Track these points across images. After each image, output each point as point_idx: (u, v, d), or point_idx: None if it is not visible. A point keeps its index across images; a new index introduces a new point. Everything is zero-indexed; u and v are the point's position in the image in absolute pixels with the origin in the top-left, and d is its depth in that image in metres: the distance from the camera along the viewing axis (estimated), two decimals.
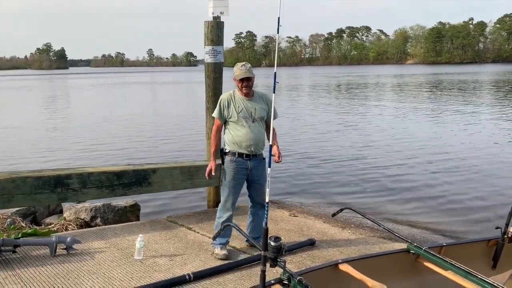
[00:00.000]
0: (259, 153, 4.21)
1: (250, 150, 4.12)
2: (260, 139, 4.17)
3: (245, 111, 4.13)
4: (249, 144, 4.11)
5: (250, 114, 4.13)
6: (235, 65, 4.21)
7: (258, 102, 4.21)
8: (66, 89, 46.36)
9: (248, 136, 4.10)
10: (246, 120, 4.11)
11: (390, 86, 38.54)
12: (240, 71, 4.11)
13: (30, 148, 12.30)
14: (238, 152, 4.12)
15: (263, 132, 4.23)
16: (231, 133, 4.16)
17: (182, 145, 12.17)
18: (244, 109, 4.13)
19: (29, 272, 3.70)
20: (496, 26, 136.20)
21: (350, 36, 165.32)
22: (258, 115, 4.16)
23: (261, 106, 4.20)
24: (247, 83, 4.11)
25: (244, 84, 4.11)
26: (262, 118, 4.19)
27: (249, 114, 4.13)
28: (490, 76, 51.63)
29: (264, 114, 4.21)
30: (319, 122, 16.61)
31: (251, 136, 4.10)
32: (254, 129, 4.12)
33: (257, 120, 4.15)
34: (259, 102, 4.22)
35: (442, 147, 11.39)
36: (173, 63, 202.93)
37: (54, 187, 4.65)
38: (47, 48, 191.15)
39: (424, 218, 6.45)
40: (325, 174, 9.06)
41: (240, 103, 4.16)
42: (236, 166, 4.14)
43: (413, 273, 3.25)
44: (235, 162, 4.14)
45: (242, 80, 4.09)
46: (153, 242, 4.50)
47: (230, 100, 4.18)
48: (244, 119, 4.11)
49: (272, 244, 2.52)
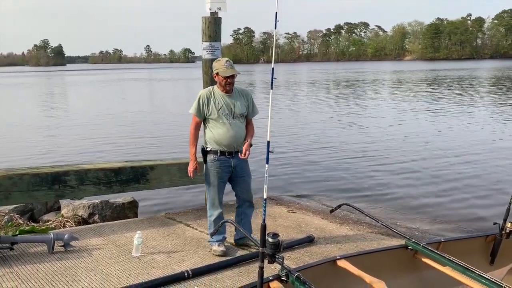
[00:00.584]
0: (241, 149, 4.13)
1: (231, 147, 4.07)
2: (241, 136, 4.11)
3: (225, 107, 4.06)
4: (230, 142, 4.04)
5: (230, 111, 4.06)
6: (217, 61, 4.11)
7: (238, 99, 4.15)
8: (64, 86, 46.25)
9: (229, 133, 4.03)
10: (226, 117, 4.04)
11: (389, 83, 38.56)
12: (225, 68, 4.02)
13: (27, 145, 12.27)
14: (220, 151, 4.06)
15: (244, 128, 4.16)
16: (212, 131, 4.08)
17: (179, 141, 12.13)
18: (224, 106, 4.06)
19: (27, 269, 3.70)
20: (494, 22, 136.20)
21: (348, 32, 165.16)
22: (238, 111, 4.09)
23: (241, 102, 4.14)
24: (231, 80, 4.05)
25: (228, 81, 4.04)
26: (242, 115, 4.13)
27: (229, 111, 4.06)
28: (489, 72, 51.63)
29: (244, 110, 4.15)
30: (317, 119, 16.59)
31: (231, 134, 4.04)
32: (235, 126, 4.06)
33: (237, 116, 4.09)
34: (239, 98, 4.16)
35: (440, 144, 11.39)
36: (171, 59, 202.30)
37: (52, 184, 4.64)
38: (44, 45, 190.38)
39: (422, 215, 6.45)
40: (323, 170, 9.06)
41: (220, 100, 4.08)
42: (219, 165, 4.08)
43: (411, 269, 3.26)
44: (218, 161, 4.07)
45: (227, 77, 4.03)
46: (151, 239, 4.50)
47: (209, 96, 4.09)
48: (224, 116, 4.04)
49: (270, 240, 2.51)
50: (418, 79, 41.34)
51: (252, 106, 4.24)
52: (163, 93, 33.79)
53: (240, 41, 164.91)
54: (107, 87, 40.71)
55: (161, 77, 62.29)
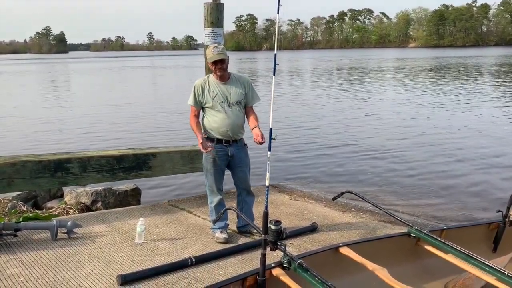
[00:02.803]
0: (239, 138, 4.11)
1: (227, 135, 4.03)
2: (238, 124, 4.06)
3: (220, 95, 4.02)
4: (226, 130, 4.01)
5: (225, 99, 4.02)
6: (207, 47, 4.10)
7: (234, 86, 4.09)
8: (66, 73, 46.20)
9: (225, 121, 3.99)
10: (221, 105, 4.00)
11: (394, 71, 38.31)
12: (212, 53, 3.96)
13: (30, 133, 12.29)
14: (217, 138, 4.04)
15: (242, 116, 4.11)
16: (208, 119, 4.06)
17: (182, 129, 12.12)
18: (219, 94, 4.02)
19: (30, 255, 3.72)
20: (500, 9, 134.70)
21: (352, 19, 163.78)
22: (234, 99, 4.04)
23: (237, 90, 4.07)
24: (221, 66, 3.97)
25: (218, 66, 3.97)
26: (239, 102, 4.07)
27: (225, 99, 4.01)
28: (496, 59, 51.17)
29: (241, 98, 4.08)
30: (321, 107, 16.53)
31: (228, 122, 4.00)
32: (231, 113, 4.01)
33: (233, 104, 4.03)
34: (236, 85, 4.09)
35: (443, 132, 11.32)
36: (173, 47, 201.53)
37: (54, 172, 4.65)
38: (46, 32, 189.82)
39: (425, 202, 6.45)
40: (326, 158, 9.04)
41: (215, 88, 4.04)
42: (216, 152, 4.05)
43: (414, 256, 3.26)
44: (215, 149, 4.04)
45: (216, 63, 3.96)
46: (154, 226, 4.51)
47: (204, 85, 4.06)
48: (219, 104, 4.00)
49: (273, 227, 2.52)
50: (425, 67, 41.06)
51: (251, 93, 4.19)
52: (166, 81, 33.71)
53: (242, 28, 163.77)
54: (110, 76, 40.64)
55: (164, 64, 62.07)
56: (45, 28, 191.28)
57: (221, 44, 4.15)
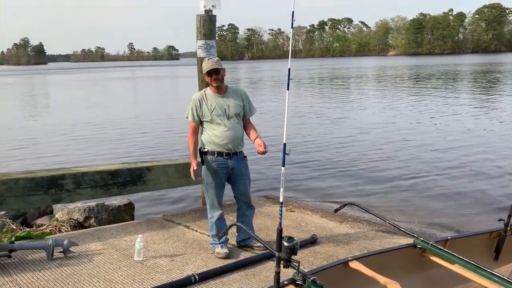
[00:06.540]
0: (239, 150, 4.09)
1: (228, 148, 4.00)
2: (237, 137, 4.04)
3: (218, 108, 3.99)
4: (226, 143, 3.98)
5: (224, 112, 3.99)
6: (202, 60, 4.10)
7: (232, 98, 4.07)
8: (46, 86, 45.42)
9: (225, 134, 3.97)
10: (220, 118, 3.97)
11: (380, 79, 38.78)
12: (207, 64, 3.96)
13: (21, 149, 11.97)
14: (217, 151, 4.00)
15: (240, 128, 4.09)
16: (208, 133, 4.03)
17: (175, 142, 11.96)
18: (217, 107, 3.99)
19: (27, 277, 3.59)
20: (475, 17, 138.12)
21: (332, 28, 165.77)
22: (233, 111, 4.02)
23: (235, 102, 4.06)
24: (216, 76, 3.96)
25: (213, 77, 3.96)
26: (237, 115, 4.05)
27: (223, 112, 3.99)
28: (472, 67, 52.25)
29: (239, 110, 4.07)
30: (314, 116, 16.55)
31: (227, 134, 3.97)
32: (230, 126, 3.99)
33: (232, 117, 4.01)
34: (233, 97, 4.08)
35: (442, 141, 11.21)
36: (155, 57, 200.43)
37: (48, 188, 4.52)
38: (24, 43, 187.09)
39: (423, 211, 6.43)
40: (319, 168, 9.01)
41: (213, 101, 4.01)
42: (217, 166, 4.02)
43: (420, 268, 3.25)
44: (215, 162, 4.01)
45: (210, 74, 3.95)
46: (151, 242, 4.42)
47: (202, 99, 4.03)
48: (218, 117, 3.97)
49: (286, 244, 2.47)
50: (407, 75, 41.67)
51: (248, 105, 4.17)
52: (151, 93, 33.38)
53: (224, 38, 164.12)
54: (92, 88, 40.07)
55: (147, 74, 61.52)
56: (23, 39, 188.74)
57: (215, 56, 4.14)
